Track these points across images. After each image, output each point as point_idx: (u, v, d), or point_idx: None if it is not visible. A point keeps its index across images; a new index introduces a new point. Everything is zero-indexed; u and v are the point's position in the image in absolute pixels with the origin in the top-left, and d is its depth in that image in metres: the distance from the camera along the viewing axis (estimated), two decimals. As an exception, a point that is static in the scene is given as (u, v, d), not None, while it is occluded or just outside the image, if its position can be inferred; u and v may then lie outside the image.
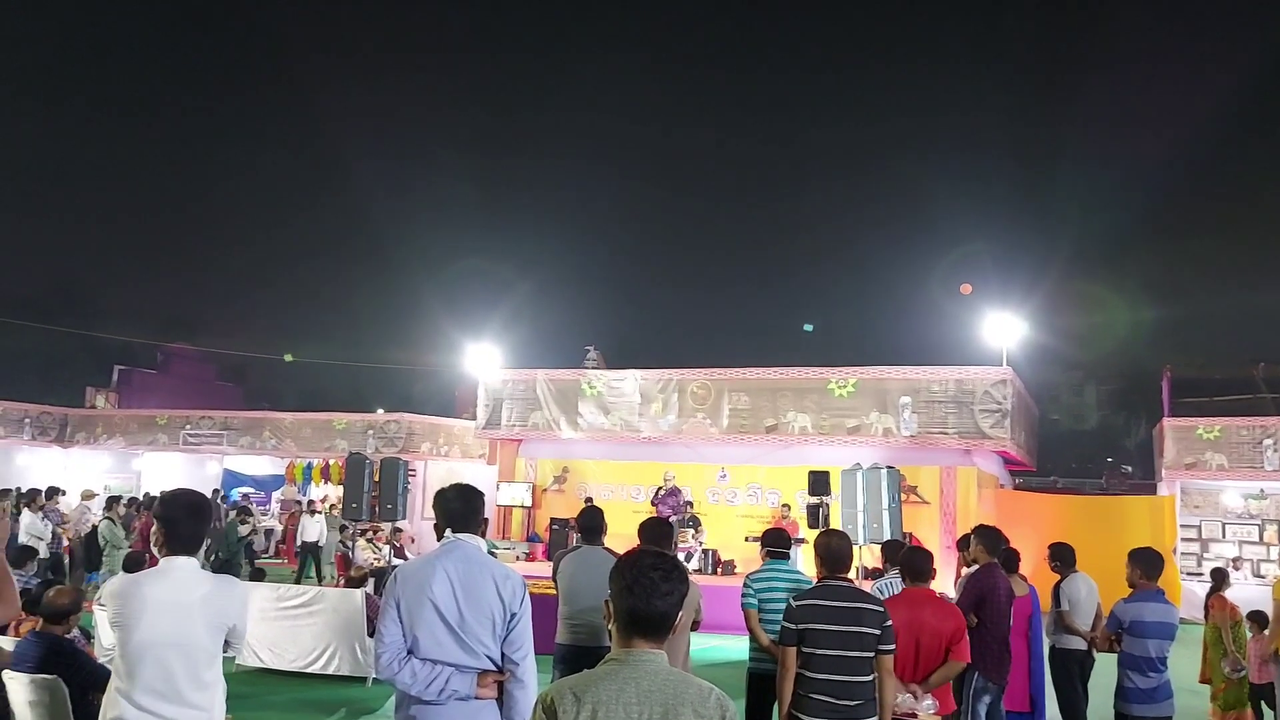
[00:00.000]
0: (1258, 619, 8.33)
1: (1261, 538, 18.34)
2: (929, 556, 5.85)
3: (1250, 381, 26.15)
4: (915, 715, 5.10)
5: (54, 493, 17.24)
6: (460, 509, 4.03)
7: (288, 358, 39.94)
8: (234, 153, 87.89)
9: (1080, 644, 7.74)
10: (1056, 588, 7.92)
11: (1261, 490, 18.45)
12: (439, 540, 4.06)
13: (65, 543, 16.73)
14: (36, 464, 24.67)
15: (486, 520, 4.22)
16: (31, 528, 15.34)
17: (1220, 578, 9.10)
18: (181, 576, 3.74)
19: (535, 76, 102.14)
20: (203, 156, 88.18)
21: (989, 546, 6.98)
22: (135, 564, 8.54)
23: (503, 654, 3.80)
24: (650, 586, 2.54)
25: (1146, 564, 6.21)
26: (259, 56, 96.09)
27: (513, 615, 3.81)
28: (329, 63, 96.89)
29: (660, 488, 17.51)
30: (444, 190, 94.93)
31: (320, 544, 18.84)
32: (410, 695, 3.75)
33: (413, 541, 18.09)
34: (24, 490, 18.72)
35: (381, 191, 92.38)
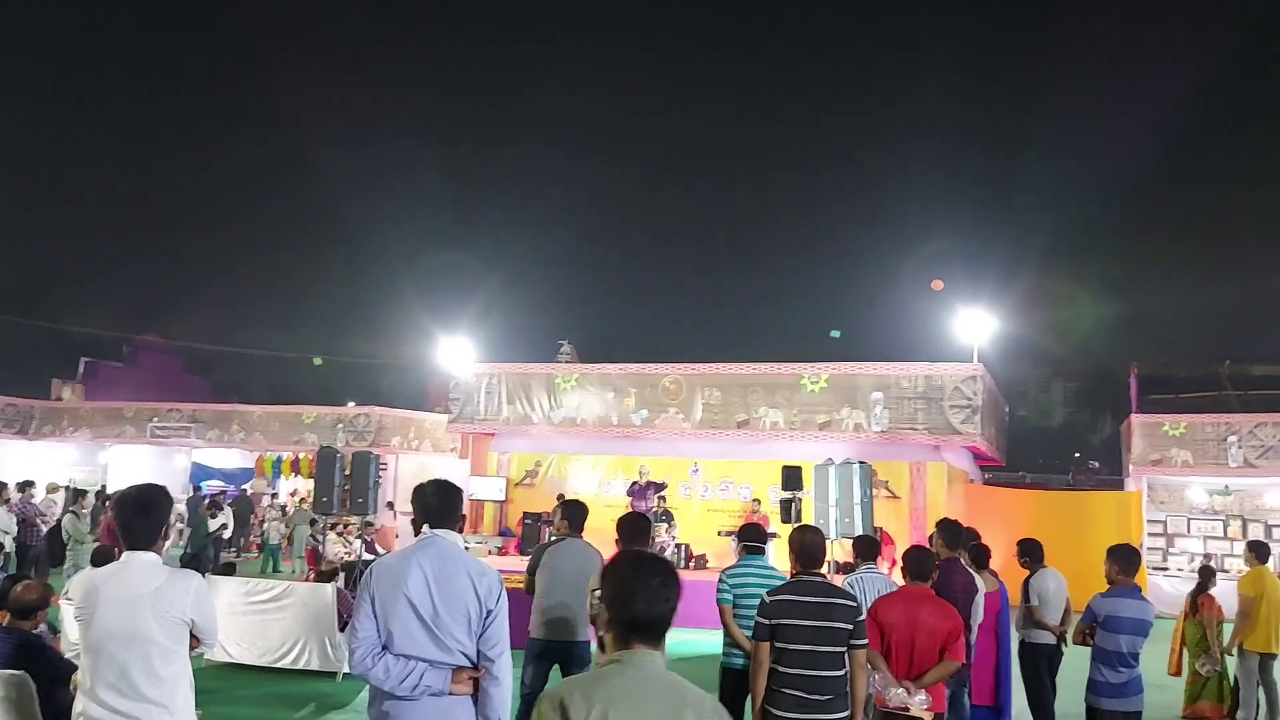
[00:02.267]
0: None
1: (1226, 533, 18.60)
2: (931, 555, 5.89)
3: (1216, 379, 26.52)
4: (908, 710, 5.13)
5: (25, 485, 16.99)
6: (438, 504, 4.01)
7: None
8: (202, 143, 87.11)
9: (1049, 638, 7.82)
10: (1026, 583, 7.99)
11: (1226, 486, 18.72)
12: (416, 535, 4.04)
13: (44, 532, 16.47)
14: (1, 456, 24.35)
15: (464, 516, 4.23)
16: (-2, 522, 15.13)
17: (1208, 575, 9.18)
18: (136, 571, 3.76)
19: (508, 65, 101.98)
20: (171, 147, 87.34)
21: (949, 541, 7.05)
22: (104, 558, 8.43)
23: (478, 651, 3.78)
24: (653, 594, 2.61)
25: (1125, 560, 6.27)
26: (227, 45, 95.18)
27: (489, 612, 3.79)
28: (297, 51, 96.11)
29: (635, 481, 17.50)
30: (415, 181, 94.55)
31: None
32: (383, 691, 3.73)
33: (397, 537, 17.98)
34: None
35: (351, 182, 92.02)
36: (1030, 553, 8.12)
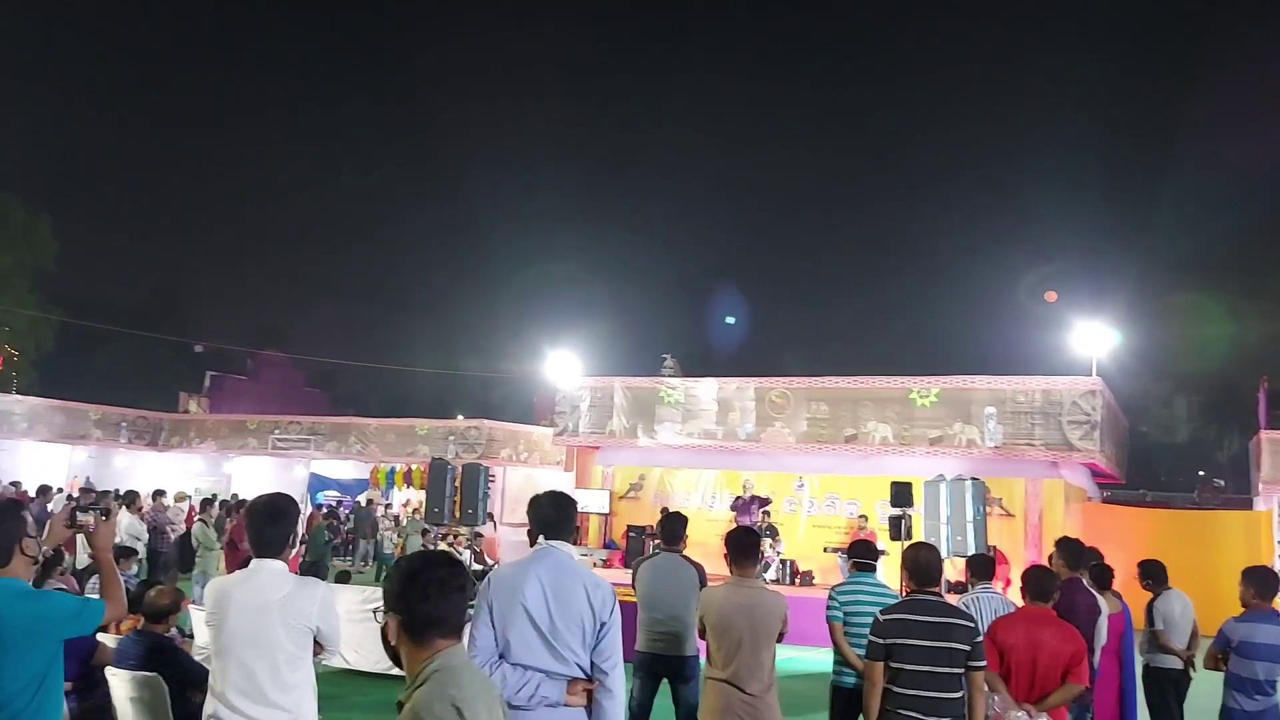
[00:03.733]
0: None
1: (1366, 556, 17.58)
2: (1053, 576, 5.73)
3: (1353, 393, 25.09)
4: None
5: (157, 494, 17.86)
6: (554, 516, 4.04)
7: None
8: (327, 162, 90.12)
9: (1176, 663, 7.50)
10: (1150, 605, 7.69)
11: (1364, 506, 17.70)
12: (531, 546, 4.09)
13: (173, 539, 17.28)
14: (133, 467, 25.53)
15: (578, 528, 4.25)
16: (130, 529, 15.85)
17: None
18: (264, 579, 3.87)
19: (638, 95, 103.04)
20: (296, 166, 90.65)
21: (1070, 560, 6.82)
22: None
23: (592, 663, 3.80)
24: (443, 584, 2.59)
25: (1261, 583, 6.00)
26: (373, 66, 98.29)
27: (602, 624, 3.81)
28: (429, 73, 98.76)
29: (739, 496, 17.42)
30: (537, 202, 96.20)
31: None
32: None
33: (497, 546, 18.24)
34: (122, 492, 19.37)
35: (476, 202, 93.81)
36: (1153, 574, 7.81)
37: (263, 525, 4.00)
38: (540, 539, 4.02)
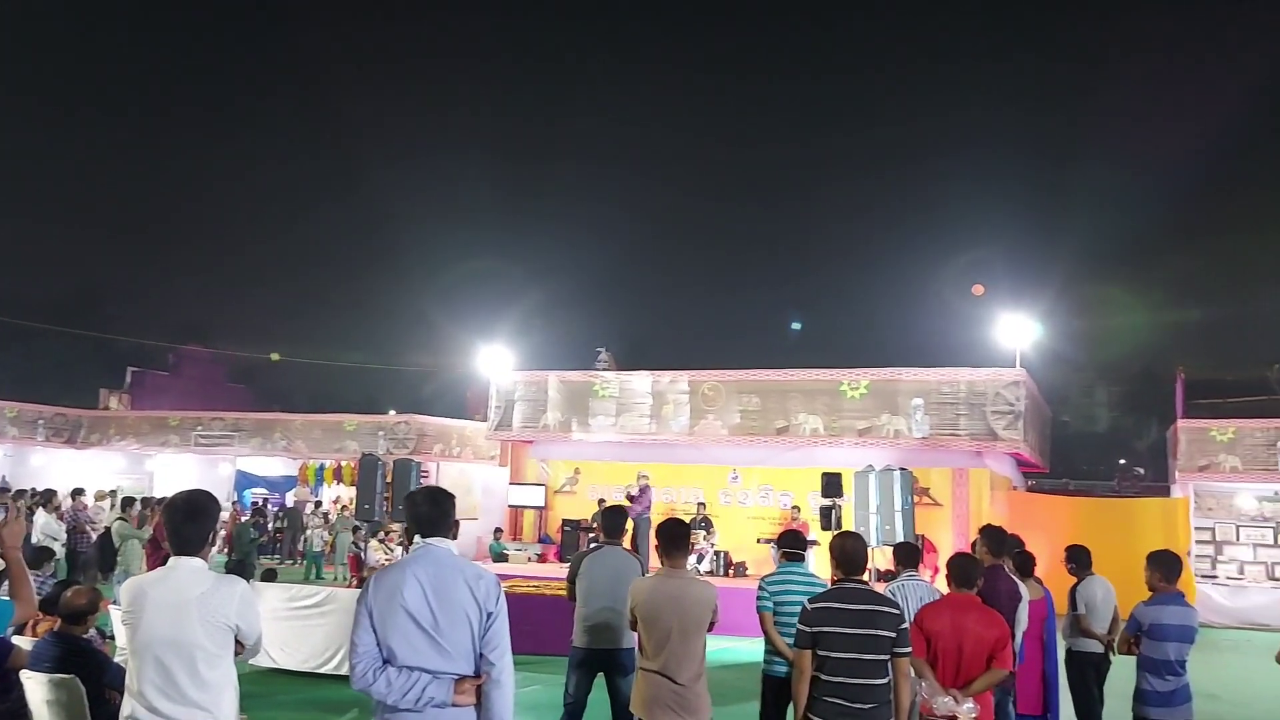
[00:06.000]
0: None
1: (1276, 540, 18.21)
2: (977, 563, 5.82)
3: (1265, 383, 26.03)
4: (956, 718, 5.07)
5: (77, 493, 17.34)
6: (430, 513, 3.94)
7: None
8: (248, 156, 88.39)
9: (1097, 647, 7.69)
10: (1073, 590, 7.87)
11: (1276, 492, 18.33)
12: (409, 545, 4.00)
13: (93, 539, 16.79)
14: (50, 465, 24.80)
15: (458, 523, 4.22)
16: (46, 528, 15.40)
17: None
18: (183, 576, 3.80)
19: (552, 83, 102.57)
20: (217, 161, 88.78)
21: (993, 547, 6.96)
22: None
23: (480, 654, 3.74)
24: None
25: (1166, 566, 6.17)
26: (274, 60, 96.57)
27: (489, 614, 3.74)
28: (344, 66, 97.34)
29: (632, 486, 17.48)
30: (460, 195, 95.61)
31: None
32: (386, 705, 3.68)
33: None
34: (38, 491, 18.79)
35: (396, 194, 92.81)
36: (1078, 559, 8.00)
37: (181, 523, 3.91)
38: (417, 537, 3.95)
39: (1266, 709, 9.27)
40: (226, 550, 17.67)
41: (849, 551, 5.09)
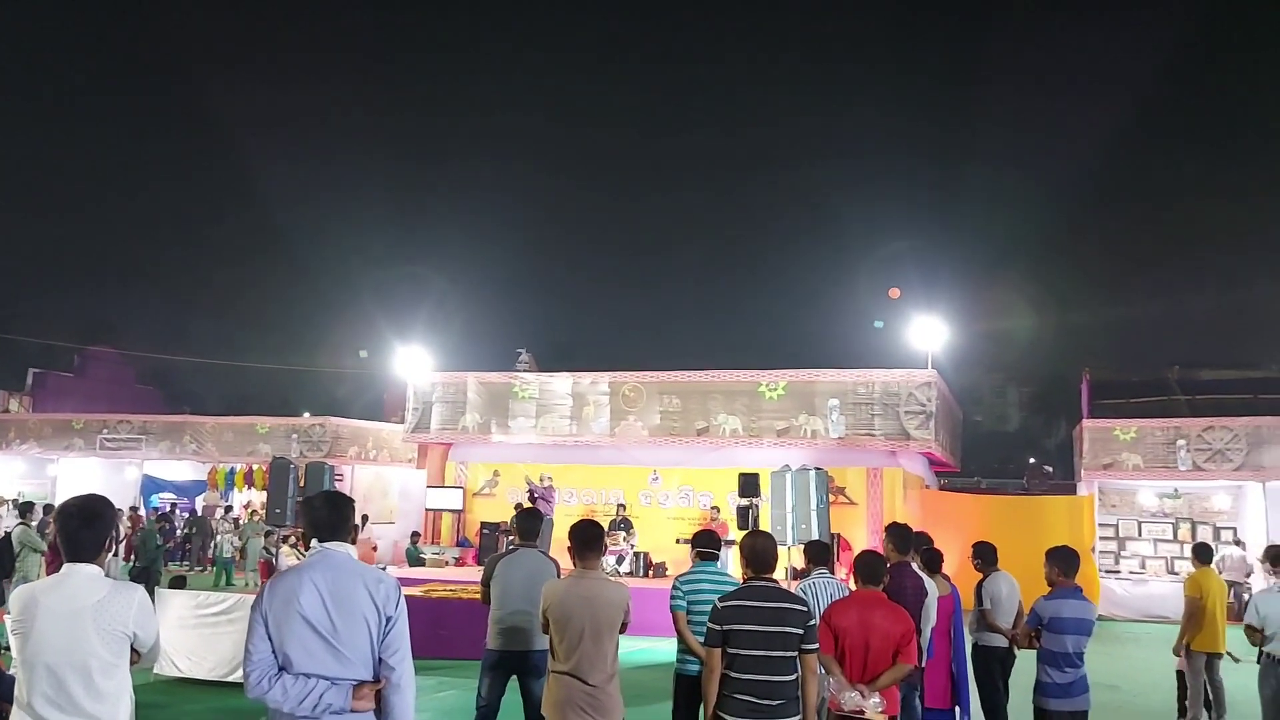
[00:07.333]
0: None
1: (1176, 536, 18.91)
2: (883, 560, 5.90)
3: (1165, 384, 26.96)
4: (863, 713, 5.14)
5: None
6: (328, 517, 3.89)
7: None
8: (154, 156, 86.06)
9: (1002, 641, 7.88)
10: (979, 586, 8.05)
11: (1175, 490, 19.04)
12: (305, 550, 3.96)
13: None
14: (-55, 470, 23.84)
15: (357, 527, 4.14)
16: (-61, 536, 14.76)
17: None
18: (77, 584, 3.71)
19: (448, 78, 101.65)
20: (122, 159, 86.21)
21: (899, 545, 7.09)
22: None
23: (380, 659, 3.69)
24: None
25: (1064, 562, 6.35)
26: (174, 61, 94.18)
27: (388, 619, 3.69)
28: (243, 65, 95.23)
29: (534, 485, 17.55)
30: (364, 193, 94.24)
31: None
32: (283, 713, 3.61)
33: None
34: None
35: (301, 194, 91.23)
36: (984, 555, 8.19)
37: (76, 528, 3.79)
38: (314, 542, 3.88)
39: (1163, 699, 9.58)
40: (130, 557, 17.14)
41: (759, 550, 5.14)
